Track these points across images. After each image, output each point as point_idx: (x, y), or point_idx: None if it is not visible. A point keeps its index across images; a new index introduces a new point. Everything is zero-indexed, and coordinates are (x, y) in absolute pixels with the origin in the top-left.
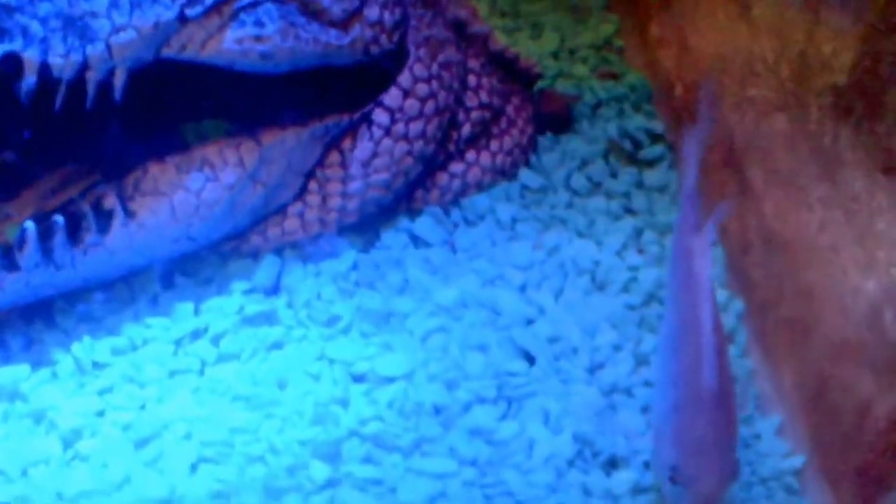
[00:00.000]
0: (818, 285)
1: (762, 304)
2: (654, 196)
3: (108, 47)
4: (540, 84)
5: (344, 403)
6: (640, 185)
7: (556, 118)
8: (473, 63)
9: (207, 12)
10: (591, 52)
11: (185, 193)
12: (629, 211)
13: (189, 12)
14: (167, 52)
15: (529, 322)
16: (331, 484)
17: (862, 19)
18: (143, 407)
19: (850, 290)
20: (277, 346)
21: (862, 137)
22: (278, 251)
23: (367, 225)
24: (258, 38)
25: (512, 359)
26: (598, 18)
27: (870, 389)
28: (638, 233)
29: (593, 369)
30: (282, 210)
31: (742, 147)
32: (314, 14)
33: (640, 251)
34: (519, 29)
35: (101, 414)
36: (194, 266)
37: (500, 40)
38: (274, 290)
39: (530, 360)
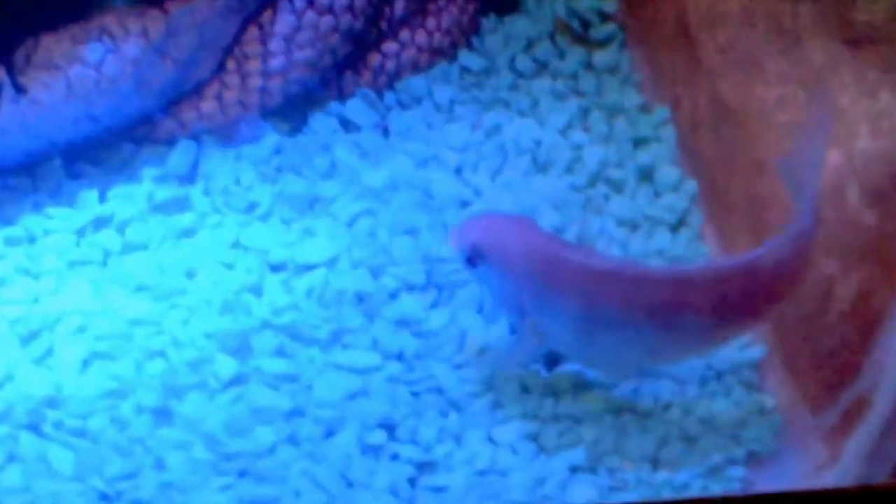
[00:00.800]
0: (772, 163)
1: (716, 183)
2: (604, 77)
3: None
4: None
5: (257, 292)
6: (588, 66)
7: None
8: None
9: None
10: None
11: (83, 67)
12: (576, 92)
13: None
14: None
15: (464, 205)
16: (238, 380)
17: None
18: (35, 300)
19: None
20: (188, 233)
21: (822, 10)
22: (195, 136)
23: (293, 109)
24: None
25: (444, 243)
26: None
27: (831, 270)
28: (584, 112)
29: None
30: (198, 91)
31: (696, 23)
32: None
33: (586, 129)
34: None
35: None
36: (103, 154)
37: None
38: (189, 177)
39: None
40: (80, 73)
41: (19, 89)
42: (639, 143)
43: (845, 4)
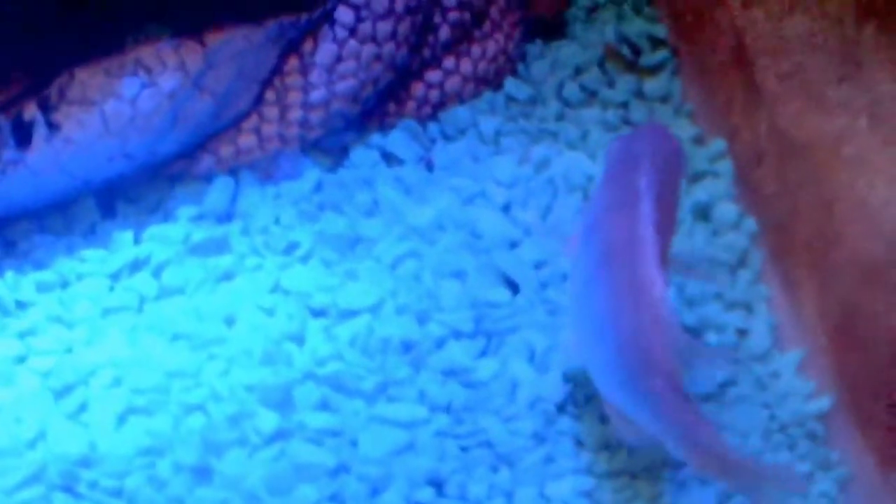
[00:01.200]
0: (841, 198)
1: (778, 222)
2: (656, 106)
3: None
4: None
5: (299, 341)
6: (639, 94)
7: (546, 22)
8: None
9: None
10: None
11: (118, 102)
12: (627, 122)
13: None
14: None
15: (513, 245)
16: (280, 436)
17: None
18: (69, 350)
19: (878, 204)
20: (227, 276)
21: (885, 39)
22: (233, 172)
23: (333, 141)
24: None
25: (493, 287)
26: None
27: None
28: None
29: None
30: (236, 125)
31: (754, 49)
32: None
33: None
34: None
35: (20, 360)
36: (138, 191)
37: None
38: (227, 215)
39: (513, 287)
40: (115, 109)
41: (52, 127)
42: (694, 177)
43: None
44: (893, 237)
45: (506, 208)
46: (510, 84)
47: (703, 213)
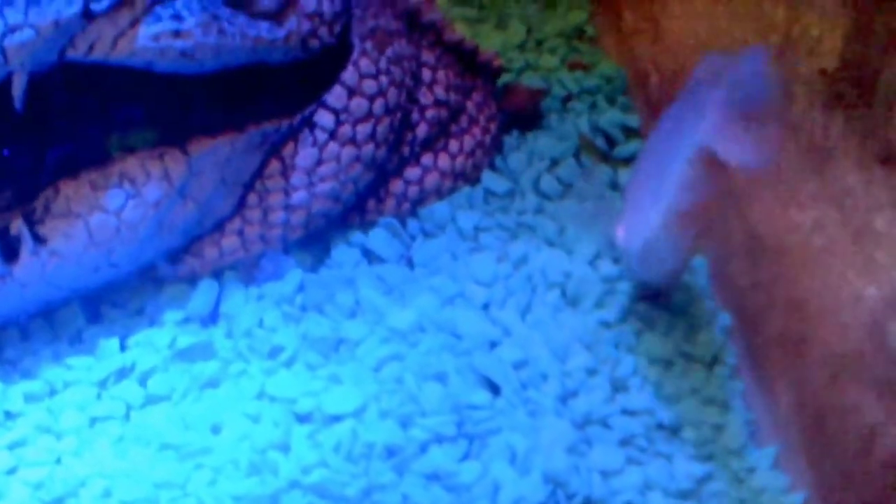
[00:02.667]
0: (813, 294)
1: (752, 318)
2: None
3: (3, 50)
4: (505, 78)
5: (284, 449)
6: (614, 185)
7: (522, 114)
8: (427, 56)
9: (116, 6)
10: (560, 42)
11: (104, 214)
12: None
13: (95, 7)
14: (73, 53)
15: (493, 345)
16: None
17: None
18: (58, 461)
19: (849, 299)
20: (213, 383)
21: (855, 126)
22: (217, 274)
23: (314, 240)
24: (177, 34)
25: (474, 389)
26: (567, 5)
27: (874, 413)
28: (613, 241)
29: (565, 398)
30: (219, 227)
31: None
32: (242, 5)
33: (616, 261)
34: (483, 20)
35: (11, 471)
36: (123, 295)
37: (455, 30)
38: (211, 318)
39: (494, 389)
40: (100, 221)
41: (39, 240)
42: None
43: (878, 120)
44: (864, 333)
45: (485, 307)
46: (488, 177)
47: (680, 309)
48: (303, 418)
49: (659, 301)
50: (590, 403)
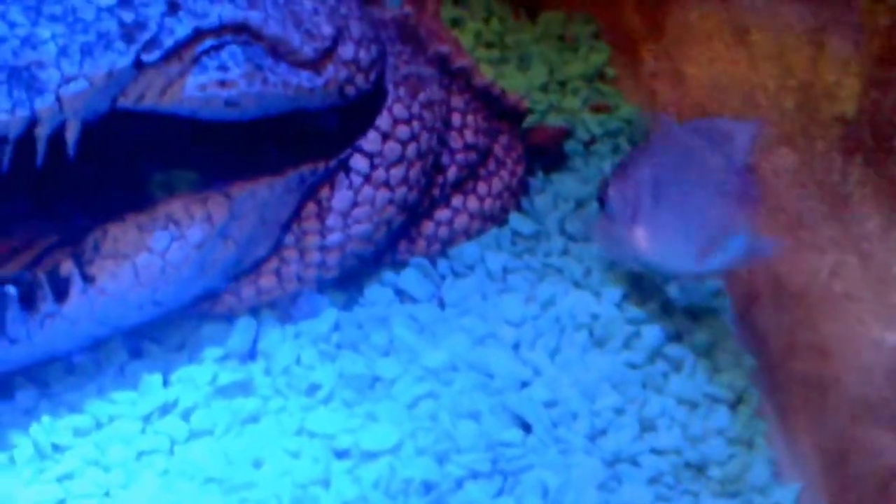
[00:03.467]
0: (834, 338)
1: (774, 360)
2: None
3: (59, 99)
4: (530, 120)
5: (325, 484)
6: None
7: (546, 154)
8: (457, 101)
9: (166, 57)
10: (582, 84)
11: (149, 255)
12: None
13: (146, 58)
14: (123, 101)
15: (524, 385)
16: None
17: (866, 45)
18: (107, 494)
19: (869, 343)
20: (253, 419)
21: (873, 173)
22: (254, 311)
23: (348, 279)
24: (222, 84)
25: (506, 427)
26: (587, 47)
27: (893, 455)
28: (639, 282)
29: (594, 437)
30: (256, 267)
31: None
32: (283, 55)
33: (641, 303)
34: (506, 61)
35: (61, 503)
36: (164, 331)
37: (485, 75)
38: (250, 355)
39: (526, 427)
40: (146, 261)
41: (87, 280)
42: (696, 316)
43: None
44: (883, 377)
45: (515, 347)
46: (515, 219)
47: (705, 351)
48: (341, 454)
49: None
50: (619, 442)
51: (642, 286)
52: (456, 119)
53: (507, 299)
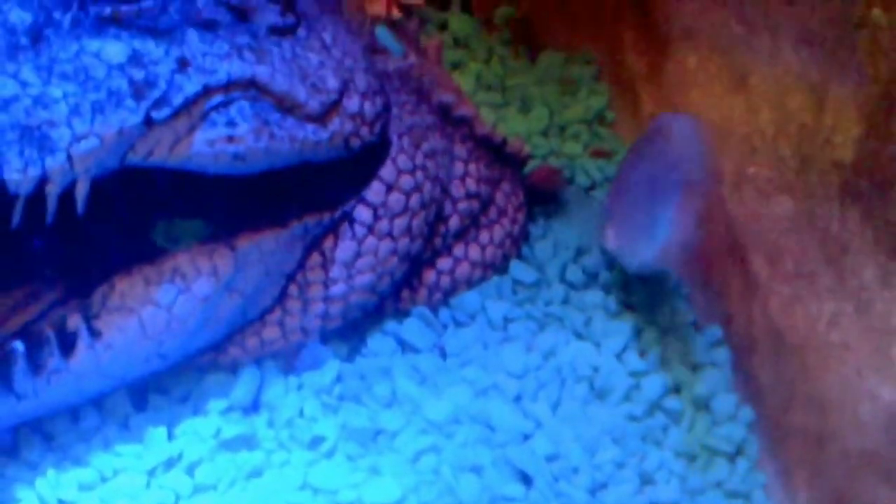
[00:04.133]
0: (831, 390)
1: (773, 412)
2: (654, 288)
3: (69, 158)
4: (531, 165)
5: None
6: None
7: (542, 192)
8: (460, 149)
9: (176, 114)
10: (582, 128)
11: (156, 309)
12: (628, 307)
13: (156, 115)
14: (133, 157)
15: (526, 438)
16: None
17: (866, 92)
18: None
19: (866, 396)
20: (257, 473)
21: (871, 219)
22: (258, 362)
23: (351, 329)
24: (230, 139)
25: (508, 481)
26: (587, 90)
27: None
28: (638, 333)
29: (595, 490)
30: (261, 317)
31: (744, 232)
32: (290, 109)
33: (642, 354)
34: (506, 104)
35: None
36: (168, 381)
37: (486, 124)
38: (253, 406)
39: (527, 481)
40: (152, 315)
41: (94, 334)
42: (695, 367)
43: (895, 214)
44: (881, 430)
45: (517, 399)
46: (516, 267)
47: (703, 403)
48: None
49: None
50: (619, 496)
51: (642, 337)
52: (458, 168)
53: (508, 349)
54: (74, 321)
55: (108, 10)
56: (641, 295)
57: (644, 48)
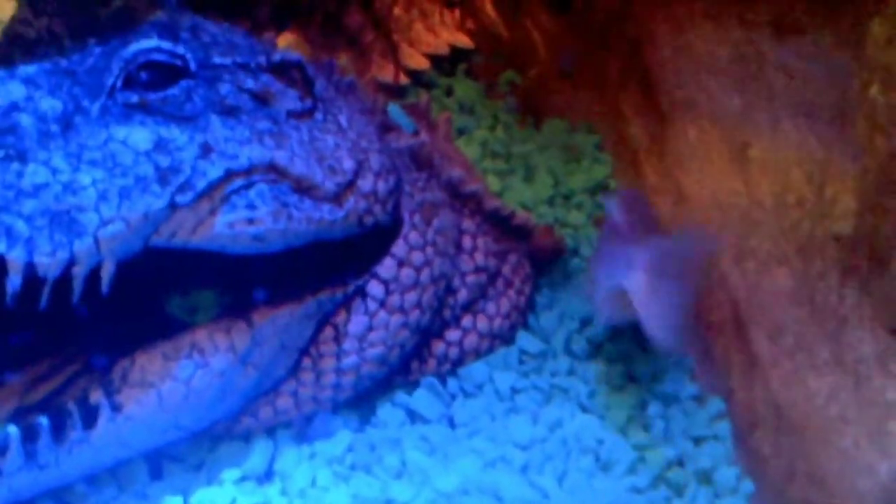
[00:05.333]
0: (830, 463)
1: (774, 486)
2: (657, 360)
3: (96, 241)
4: None
5: None
6: (642, 347)
7: (543, 256)
8: (468, 224)
9: (199, 198)
10: (585, 197)
11: (174, 383)
12: (631, 378)
13: (180, 199)
14: (156, 239)
15: None
16: None
17: (865, 168)
18: None
19: (864, 470)
20: None
21: (869, 295)
22: (270, 431)
23: (361, 399)
24: (250, 222)
25: None
26: (591, 159)
27: None
28: (642, 405)
29: None
30: (274, 388)
31: (745, 305)
32: (307, 190)
33: (646, 427)
34: (511, 172)
35: None
36: (182, 449)
37: (494, 197)
38: (267, 475)
39: None
40: (170, 389)
41: (115, 408)
42: (697, 441)
43: (893, 290)
44: (879, 501)
45: (524, 470)
46: (522, 338)
47: (706, 476)
48: None
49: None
50: None
51: (646, 410)
52: (467, 242)
53: (515, 421)
54: (96, 395)
55: (135, 98)
56: (645, 367)
57: (645, 119)
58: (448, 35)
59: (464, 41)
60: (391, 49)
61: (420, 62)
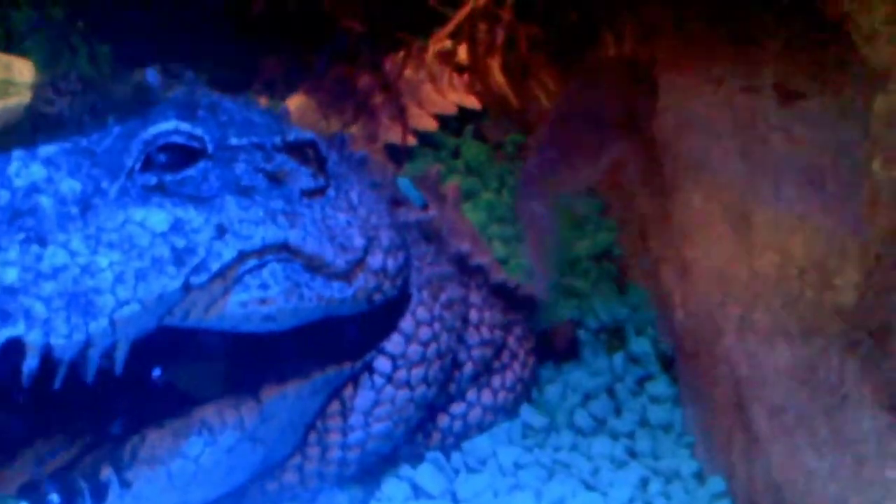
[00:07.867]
0: None
1: None
2: (659, 436)
3: (112, 322)
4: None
5: None
6: (643, 422)
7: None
8: (475, 297)
9: (213, 279)
10: (590, 264)
11: (183, 461)
12: (633, 454)
13: (194, 281)
14: (170, 319)
15: None
16: None
17: (867, 240)
18: None
19: None
20: None
21: (870, 372)
22: None
23: (366, 474)
24: (262, 301)
25: None
26: (595, 224)
27: None
28: (644, 483)
29: None
30: (281, 463)
31: (746, 382)
32: (318, 268)
33: None
34: (517, 238)
35: None
36: None
37: (501, 270)
38: None
39: None
40: (180, 467)
41: (124, 485)
42: None
43: (893, 368)
44: None
45: None
46: (526, 411)
47: None
48: None
49: None
50: None
51: (648, 488)
52: (473, 315)
53: (518, 497)
54: (106, 471)
55: (153, 181)
56: (647, 444)
57: (649, 186)
58: (456, 96)
59: (472, 102)
60: (400, 111)
61: (428, 123)
